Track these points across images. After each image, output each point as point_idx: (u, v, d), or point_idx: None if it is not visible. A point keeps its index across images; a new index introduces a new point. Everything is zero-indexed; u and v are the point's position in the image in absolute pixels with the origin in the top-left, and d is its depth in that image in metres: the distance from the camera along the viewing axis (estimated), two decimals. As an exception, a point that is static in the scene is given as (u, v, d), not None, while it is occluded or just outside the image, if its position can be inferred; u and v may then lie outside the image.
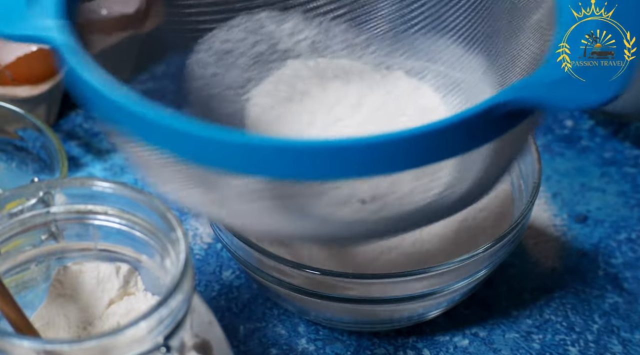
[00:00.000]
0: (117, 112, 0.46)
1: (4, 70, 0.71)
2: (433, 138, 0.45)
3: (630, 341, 0.63)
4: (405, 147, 0.45)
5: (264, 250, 0.58)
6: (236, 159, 0.45)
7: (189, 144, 0.45)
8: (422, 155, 0.46)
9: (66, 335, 0.51)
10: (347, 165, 0.45)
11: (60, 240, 0.51)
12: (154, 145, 0.46)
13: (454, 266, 0.57)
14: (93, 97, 0.47)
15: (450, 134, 0.45)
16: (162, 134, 0.45)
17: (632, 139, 0.75)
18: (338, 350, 0.63)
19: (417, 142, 0.45)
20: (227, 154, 0.45)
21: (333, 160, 0.45)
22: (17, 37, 0.50)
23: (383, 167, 0.45)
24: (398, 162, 0.45)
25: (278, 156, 0.45)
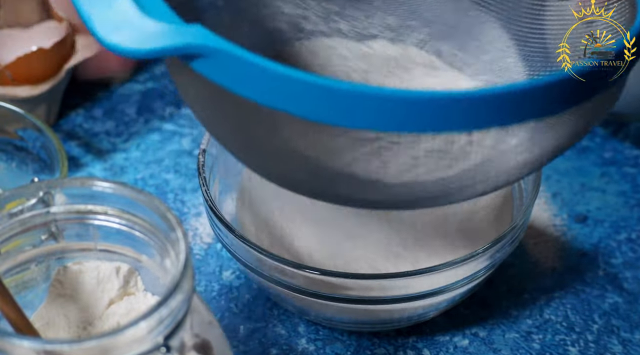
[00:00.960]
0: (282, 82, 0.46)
1: (4, 70, 0.71)
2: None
3: (630, 341, 0.63)
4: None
5: (264, 251, 0.58)
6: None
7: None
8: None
9: (66, 335, 0.51)
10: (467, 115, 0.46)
11: (60, 240, 0.51)
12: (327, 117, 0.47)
13: (454, 266, 0.58)
14: (263, 75, 0.47)
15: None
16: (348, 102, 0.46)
17: (632, 139, 0.75)
18: (338, 350, 0.63)
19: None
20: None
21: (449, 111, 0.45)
22: (159, 52, 0.47)
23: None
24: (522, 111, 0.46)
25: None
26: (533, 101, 0.46)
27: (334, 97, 0.45)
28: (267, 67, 0.46)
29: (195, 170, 0.73)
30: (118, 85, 0.80)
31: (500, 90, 0.45)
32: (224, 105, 0.51)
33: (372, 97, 0.45)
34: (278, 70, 0.46)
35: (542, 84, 0.45)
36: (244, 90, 0.47)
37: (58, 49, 0.72)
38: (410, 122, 0.46)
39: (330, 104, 0.46)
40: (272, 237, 0.63)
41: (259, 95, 0.47)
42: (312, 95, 0.46)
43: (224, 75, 0.47)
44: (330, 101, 0.46)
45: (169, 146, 0.75)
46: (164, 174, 0.73)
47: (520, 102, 0.46)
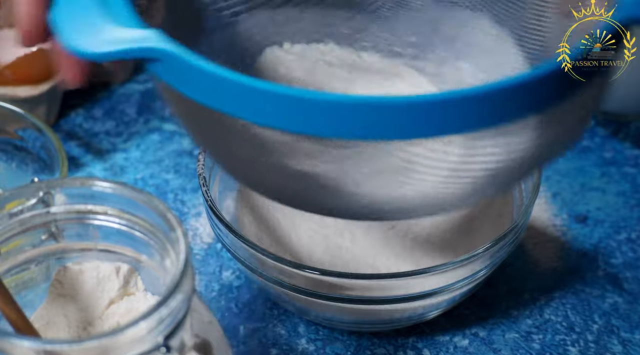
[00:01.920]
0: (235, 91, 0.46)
1: (4, 70, 0.71)
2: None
3: (630, 341, 0.63)
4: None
5: (264, 251, 0.58)
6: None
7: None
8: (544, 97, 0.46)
9: (66, 335, 0.51)
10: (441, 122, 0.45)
11: (60, 240, 0.51)
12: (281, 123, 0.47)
13: (454, 266, 0.57)
14: (214, 82, 0.47)
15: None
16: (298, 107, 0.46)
17: (632, 139, 0.75)
18: (338, 350, 0.63)
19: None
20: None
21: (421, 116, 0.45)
22: (114, 54, 0.48)
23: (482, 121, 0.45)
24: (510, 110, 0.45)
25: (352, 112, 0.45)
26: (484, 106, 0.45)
27: (271, 100, 0.46)
28: (207, 70, 0.46)
29: (195, 170, 0.73)
30: (118, 85, 0.80)
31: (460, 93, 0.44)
32: (188, 111, 0.51)
33: (301, 101, 0.45)
34: (217, 73, 0.46)
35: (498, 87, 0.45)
36: (193, 93, 0.48)
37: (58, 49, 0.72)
38: (347, 127, 0.45)
39: (267, 108, 0.46)
40: (272, 237, 0.63)
41: (206, 97, 0.47)
42: (251, 99, 0.46)
43: (177, 79, 0.48)
44: (267, 105, 0.46)
45: (169, 146, 0.75)
46: (164, 174, 0.73)
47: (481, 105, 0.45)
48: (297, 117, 0.45)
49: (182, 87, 0.48)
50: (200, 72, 0.46)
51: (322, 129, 0.45)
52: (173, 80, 0.48)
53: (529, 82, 0.44)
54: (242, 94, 0.46)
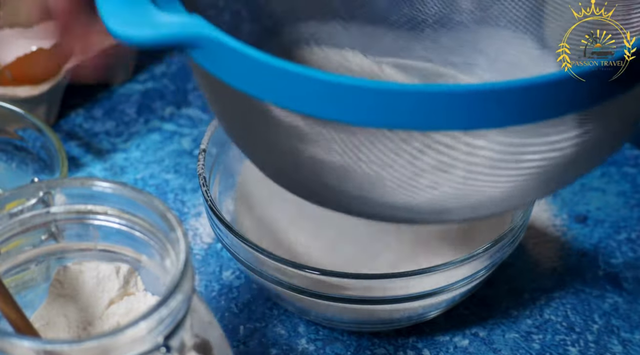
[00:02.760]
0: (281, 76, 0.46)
1: (4, 70, 0.71)
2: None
3: (630, 341, 0.63)
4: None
5: (264, 251, 0.58)
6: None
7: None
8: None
9: (66, 335, 0.51)
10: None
11: (60, 240, 0.51)
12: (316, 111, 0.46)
13: (454, 266, 0.57)
14: (264, 70, 0.46)
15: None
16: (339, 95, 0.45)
17: (632, 139, 0.75)
18: (338, 350, 0.63)
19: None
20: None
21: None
22: (158, 40, 0.47)
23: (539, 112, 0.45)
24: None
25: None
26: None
27: (319, 87, 0.45)
28: (252, 55, 0.46)
29: (195, 170, 0.73)
30: (118, 85, 0.80)
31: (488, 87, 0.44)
32: (224, 99, 0.51)
33: (353, 89, 0.45)
34: (263, 59, 0.46)
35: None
36: (235, 81, 0.47)
37: (58, 49, 0.72)
38: (394, 116, 0.45)
39: (314, 95, 0.45)
40: (272, 237, 0.63)
41: (248, 86, 0.47)
42: (296, 86, 0.46)
43: (217, 66, 0.48)
44: (315, 92, 0.45)
45: (169, 146, 0.75)
46: (164, 174, 0.73)
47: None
48: (344, 106, 0.45)
49: (224, 74, 0.47)
50: (246, 58, 0.46)
51: (379, 118, 0.45)
52: (214, 67, 0.48)
53: (568, 79, 0.44)
54: (286, 81, 0.46)
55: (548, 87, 0.44)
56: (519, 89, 0.43)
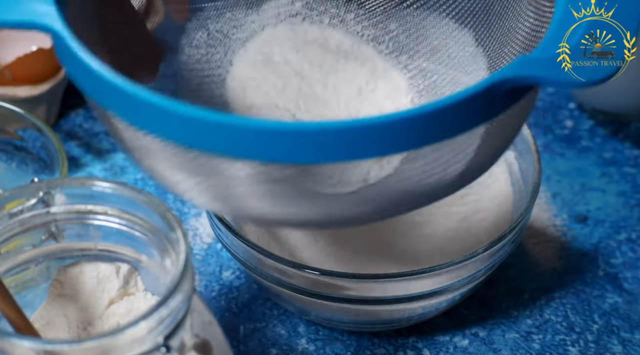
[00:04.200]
0: (112, 93, 0.46)
1: (4, 70, 0.71)
2: (436, 118, 0.45)
3: (630, 341, 0.63)
4: (408, 127, 0.45)
5: (264, 250, 0.58)
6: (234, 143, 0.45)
7: (183, 126, 0.45)
8: (425, 135, 0.45)
9: (66, 335, 0.51)
10: (340, 148, 0.44)
11: (60, 240, 0.51)
12: (148, 128, 0.46)
13: (454, 266, 0.57)
14: (91, 79, 0.46)
15: (457, 111, 0.45)
16: (156, 115, 0.45)
17: (632, 139, 0.75)
18: (338, 350, 0.63)
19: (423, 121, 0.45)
20: (228, 138, 0.45)
21: (328, 144, 0.44)
22: (12, 24, 0.48)
23: (387, 147, 0.45)
24: (400, 142, 0.45)
25: (280, 139, 0.44)
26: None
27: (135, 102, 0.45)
28: (76, 54, 0.46)
29: (195, 170, 0.73)
30: (118, 85, 0.80)
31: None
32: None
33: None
34: (79, 56, 0.46)
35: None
36: (72, 76, 0.48)
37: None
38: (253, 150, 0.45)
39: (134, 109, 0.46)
40: (271, 236, 0.63)
41: (79, 83, 0.47)
42: (112, 94, 0.46)
43: (62, 59, 0.48)
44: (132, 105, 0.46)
45: (169, 146, 0.75)
46: (164, 174, 0.73)
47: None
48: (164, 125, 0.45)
49: (67, 68, 0.48)
50: (74, 58, 0.46)
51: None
52: (61, 58, 0.48)
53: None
54: (105, 89, 0.46)
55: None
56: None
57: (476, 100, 0.45)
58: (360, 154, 0.45)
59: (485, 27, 0.58)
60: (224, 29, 0.62)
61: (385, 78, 0.62)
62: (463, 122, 0.46)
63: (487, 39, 0.58)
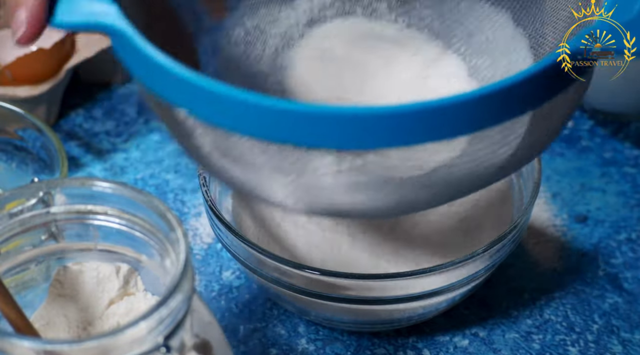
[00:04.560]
0: (185, 87, 0.46)
1: (4, 70, 0.71)
2: (506, 96, 0.45)
3: (630, 341, 0.63)
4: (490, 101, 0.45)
5: (264, 250, 0.58)
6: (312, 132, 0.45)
7: (260, 117, 0.45)
8: (494, 114, 0.46)
9: (66, 335, 0.51)
10: (414, 131, 0.45)
11: (60, 240, 0.51)
12: (224, 122, 0.46)
13: (454, 266, 0.57)
14: (172, 79, 0.46)
15: (528, 86, 0.45)
16: (235, 110, 0.45)
17: (632, 139, 0.75)
18: (338, 350, 0.63)
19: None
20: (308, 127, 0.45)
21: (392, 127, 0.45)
22: (72, 26, 0.49)
23: (459, 128, 0.45)
24: (470, 122, 0.45)
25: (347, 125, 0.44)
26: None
27: (208, 95, 0.46)
28: (145, 52, 0.46)
29: (195, 170, 0.73)
30: (118, 85, 0.80)
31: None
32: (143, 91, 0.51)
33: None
34: (154, 57, 0.46)
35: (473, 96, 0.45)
36: (137, 75, 0.48)
37: (58, 49, 0.72)
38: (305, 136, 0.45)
39: (205, 102, 0.46)
40: (271, 236, 0.63)
41: (149, 82, 0.48)
42: (186, 90, 0.46)
43: (125, 56, 0.48)
44: (205, 99, 0.46)
45: (169, 146, 0.75)
46: (164, 174, 0.73)
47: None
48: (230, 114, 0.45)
49: (130, 65, 0.48)
50: (143, 56, 0.46)
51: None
52: (122, 57, 0.48)
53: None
54: (177, 85, 0.46)
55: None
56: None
57: (544, 76, 0.45)
58: (435, 136, 0.45)
59: (523, 7, 0.58)
60: (260, 25, 0.62)
61: (440, 63, 0.62)
62: (530, 100, 0.46)
63: (527, 19, 0.58)
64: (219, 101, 0.45)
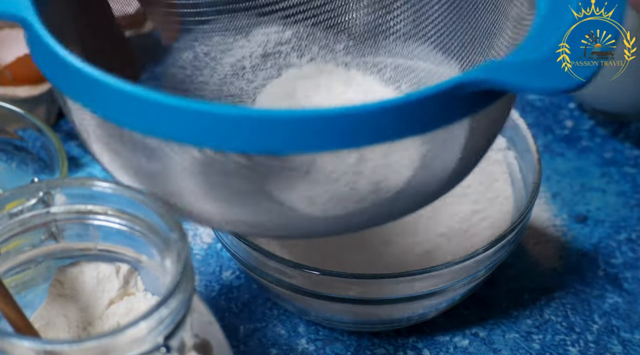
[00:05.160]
0: (80, 80, 0.46)
1: (4, 70, 0.71)
2: (399, 111, 0.44)
3: (630, 341, 0.63)
4: (372, 118, 0.44)
5: (264, 250, 0.58)
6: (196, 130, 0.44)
7: (146, 112, 0.45)
8: (387, 129, 0.44)
9: (66, 335, 0.51)
10: (308, 138, 0.44)
11: (60, 240, 0.51)
12: (117, 118, 0.46)
13: (454, 266, 0.57)
14: (58, 66, 0.46)
15: (416, 109, 0.44)
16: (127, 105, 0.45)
17: (632, 139, 0.75)
18: (338, 350, 0.63)
19: (384, 114, 0.44)
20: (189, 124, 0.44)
21: (298, 132, 0.44)
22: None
23: (348, 140, 0.44)
24: (364, 134, 0.44)
25: (250, 126, 0.44)
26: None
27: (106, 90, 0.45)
28: (42, 39, 0.46)
29: (195, 170, 0.73)
30: (118, 85, 0.80)
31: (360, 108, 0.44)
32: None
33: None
34: (49, 44, 0.46)
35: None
36: (41, 66, 0.48)
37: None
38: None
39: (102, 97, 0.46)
40: (272, 237, 0.63)
41: (51, 76, 0.47)
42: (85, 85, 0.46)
43: (31, 48, 0.48)
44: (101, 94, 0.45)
45: (169, 146, 0.75)
46: (164, 174, 0.73)
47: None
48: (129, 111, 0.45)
49: (35, 58, 0.48)
50: (43, 47, 0.46)
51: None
52: (31, 48, 0.48)
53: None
54: (75, 80, 0.46)
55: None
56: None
57: (436, 100, 0.45)
58: (317, 146, 0.44)
59: (470, 59, 0.58)
60: (211, 52, 0.62)
61: (360, 85, 0.62)
62: (428, 120, 0.45)
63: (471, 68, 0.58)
64: (110, 93, 0.45)
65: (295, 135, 0.44)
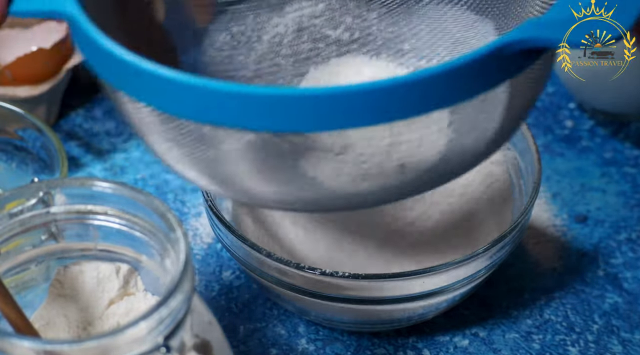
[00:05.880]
0: (126, 70, 0.46)
1: (4, 70, 0.71)
2: (454, 74, 0.45)
3: (630, 341, 0.63)
4: (411, 90, 0.44)
5: (264, 250, 0.58)
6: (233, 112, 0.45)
7: (188, 98, 0.45)
8: (439, 96, 0.45)
9: (66, 335, 0.51)
10: (347, 113, 0.44)
11: (60, 240, 0.51)
12: (163, 104, 0.46)
13: (454, 266, 0.57)
14: (103, 57, 0.47)
15: (464, 74, 0.45)
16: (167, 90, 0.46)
17: (632, 139, 0.75)
18: (338, 350, 0.63)
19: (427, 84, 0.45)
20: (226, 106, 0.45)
21: (332, 107, 0.44)
22: (29, 13, 0.49)
23: (387, 113, 0.45)
24: (407, 106, 0.45)
25: (274, 106, 0.44)
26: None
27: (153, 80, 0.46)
28: (91, 37, 0.47)
29: (195, 170, 0.73)
30: (118, 85, 0.80)
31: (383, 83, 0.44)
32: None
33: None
34: (98, 41, 0.46)
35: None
36: (88, 61, 0.48)
37: (58, 49, 0.72)
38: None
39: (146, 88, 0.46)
40: (271, 236, 0.63)
41: (95, 66, 0.48)
42: (133, 76, 0.46)
43: (79, 43, 0.49)
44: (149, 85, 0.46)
45: (169, 146, 0.75)
46: (164, 174, 0.73)
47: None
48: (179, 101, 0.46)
49: (82, 51, 0.48)
50: (89, 41, 0.47)
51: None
52: (77, 41, 0.49)
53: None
54: (126, 73, 0.46)
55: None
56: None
57: (484, 63, 0.45)
58: (355, 122, 0.45)
59: (504, 15, 0.58)
60: (246, 32, 0.62)
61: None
62: (465, 88, 0.46)
63: (507, 27, 0.58)
64: (162, 84, 0.45)
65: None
